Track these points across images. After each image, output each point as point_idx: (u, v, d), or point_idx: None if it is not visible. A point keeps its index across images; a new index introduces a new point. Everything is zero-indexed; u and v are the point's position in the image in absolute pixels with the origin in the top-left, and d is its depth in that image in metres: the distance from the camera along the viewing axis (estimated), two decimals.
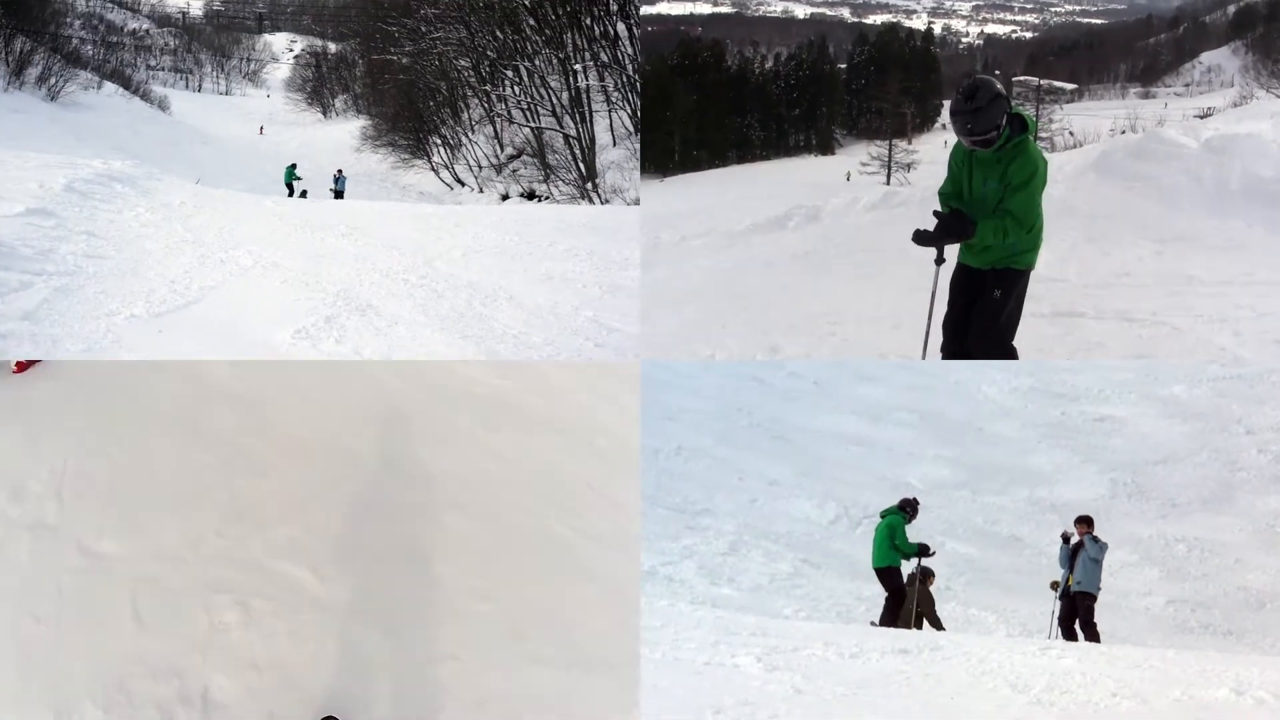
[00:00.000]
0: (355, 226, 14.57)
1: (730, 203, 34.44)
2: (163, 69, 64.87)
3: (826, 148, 75.00)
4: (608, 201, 27.73)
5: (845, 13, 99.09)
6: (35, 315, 8.53)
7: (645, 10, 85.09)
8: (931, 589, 8.62)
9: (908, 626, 8.30)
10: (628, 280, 11.60)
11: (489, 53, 34.97)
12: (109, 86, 44.03)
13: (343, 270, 11.37)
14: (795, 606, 9.40)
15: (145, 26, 68.57)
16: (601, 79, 31.13)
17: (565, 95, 31.30)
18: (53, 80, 38.15)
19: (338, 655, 4.93)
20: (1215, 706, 5.07)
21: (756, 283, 12.10)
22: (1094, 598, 8.34)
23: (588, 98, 30.83)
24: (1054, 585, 8.56)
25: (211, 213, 14.89)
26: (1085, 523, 8.45)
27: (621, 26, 31.41)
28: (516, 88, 34.39)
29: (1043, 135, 52.57)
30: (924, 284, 6.28)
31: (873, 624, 8.60)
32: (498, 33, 34.06)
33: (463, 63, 36.97)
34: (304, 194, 27.82)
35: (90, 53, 49.20)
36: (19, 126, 30.46)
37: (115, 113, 40.25)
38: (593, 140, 30.54)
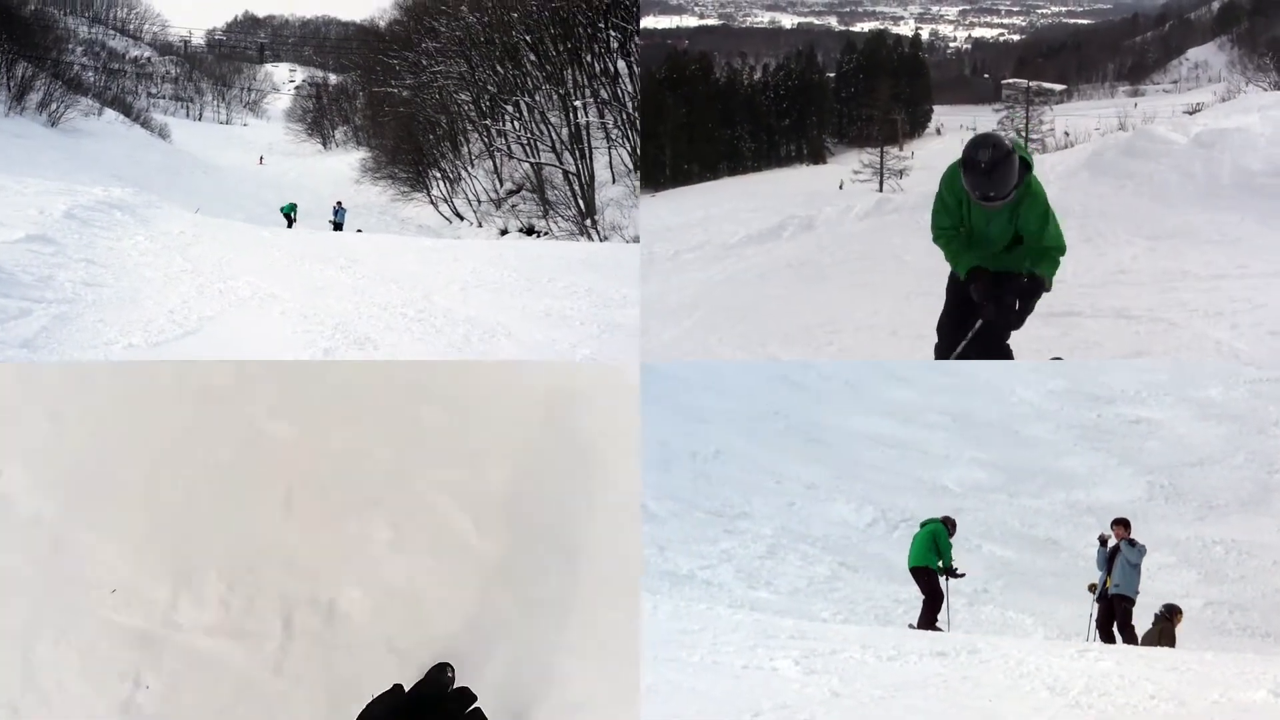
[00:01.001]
0: (354, 259, 14.58)
1: (723, 215, 34.43)
2: (164, 97, 64.87)
3: (818, 157, 74.72)
4: (607, 238, 27.76)
5: (832, 21, 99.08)
6: (34, 343, 8.53)
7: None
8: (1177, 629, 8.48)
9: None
10: (626, 319, 11.62)
11: (489, 87, 35.10)
12: (110, 113, 44.07)
13: (341, 303, 11.38)
14: (833, 609, 9.39)
15: (147, 54, 68.69)
16: (601, 116, 31.24)
17: (565, 131, 31.41)
18: (54, 106, 38.17)
19: (472, 608, 4.91)
20: (1254, 708, 5.07)
21: (752, 294, 12.16)
22: (1132, 601, 8.34)
23: (588, 134, 30.94)
24: (1092, 588, 8.55)
25: (210, 242, 14.92)
26: (1122, 525, 8.44)
27: (622, 64, 31.57)
28: (516, 123, 34.50)
29: (1034, 137, 52.74)
30: (919, 289, 6.38)
31: (911, 626, 8.59)
32: (498, 68, 34.21)
33: (463, 97, 37.09)
34: (290, 222, 27.93)
35: (92, 79, 49.23)
36: (19, 152, 30.50)
37: (116, 140, 40.30)
38: (592, 177, 30.62)
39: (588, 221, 29.41)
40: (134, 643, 4.72)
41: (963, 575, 8.83)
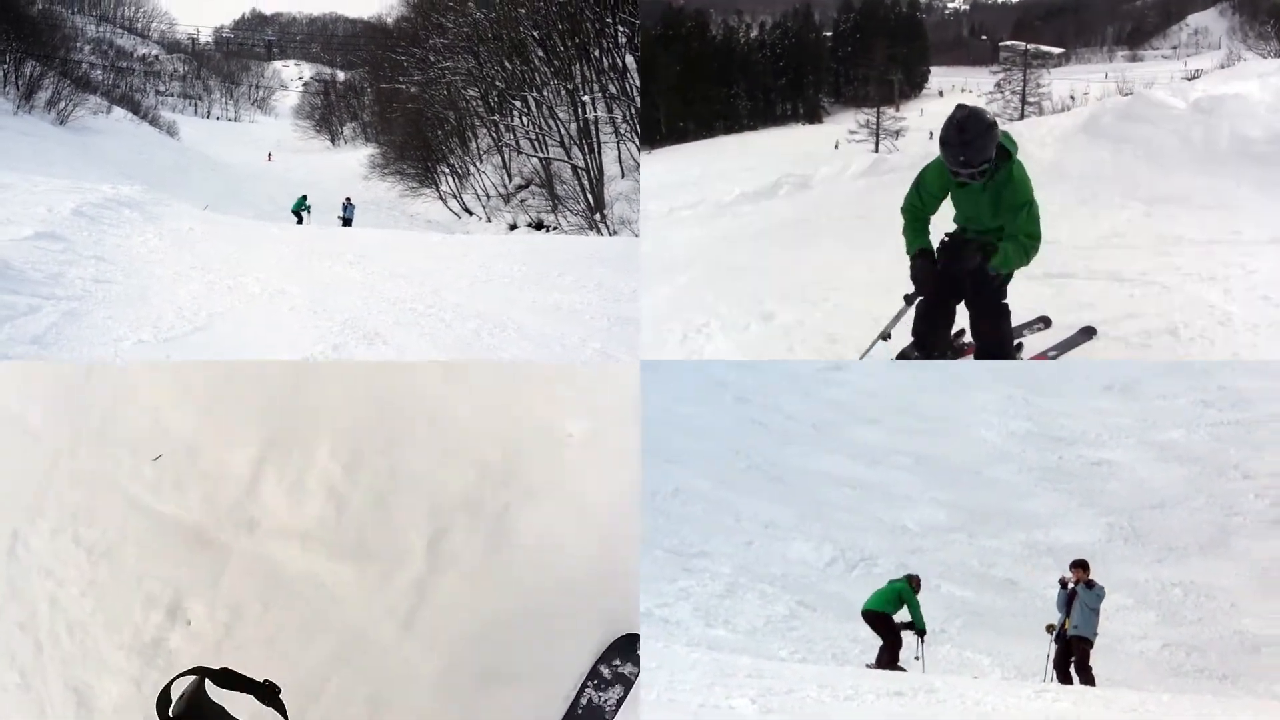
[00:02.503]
0: (363, 254, 14.58)
1: (718, 173, 34.30)
2: (172, 94, 64.99)
3: (814, 116, 74.16)
4: (616, 233, 27.73)
5: None
6: (43, 339, 8.54)
7: None
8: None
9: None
10: (636, 313, 11.60)
11: (497, 83, 35.09)
12: (118, 111, 44.13)
13: (350, 298, 11.37)
14: (791, 648, 9.37)
15: (155, 52, 68.78)
16: (610, 111, 31.21)
17: (573, 126, 31.37)
18: (62, 104, 38.21)
19: None
20: None
21: (748, 252, 12.15)
22: (1090, 643, 8.31)
23: (596, 129, 30.91)
24: (1050, 628, 8.54)
25: (219, 239, 14.93)
26: (1081, 567, 8.43)
27: (630, 59, 31.53)
28: (525, 118, 34.48)
29: (1030, 100, 52.41)
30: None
31: (869, 665, 8.59)
32: (506, 63, 34.19)
33: (471, 92, 37.08)
34: (300, 219, 27.96)
35: (100, 77, 49.28)
36: (28, 150, 30.55)
37: (124, 137, 40.34)
38: (601, 171, 30.59)
39: (596, 216, 29.40)
40: None
41: (919, 632, 8.85)
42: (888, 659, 8.57)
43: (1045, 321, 8.05)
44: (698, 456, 12.13)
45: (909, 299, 6.39)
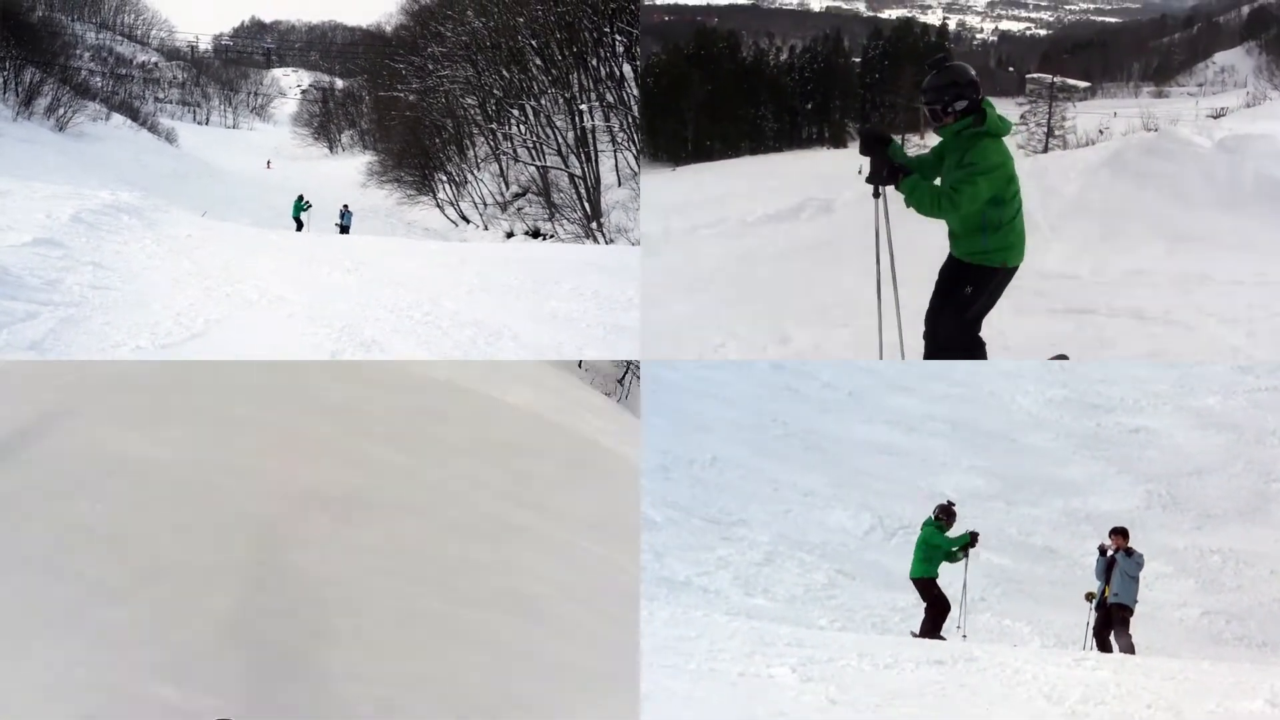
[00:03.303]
0: (361, 262, 14.60)
1: (742, 192, 34.11)
2: (171, 102, 65.21)
3: (839, 141, 74.39)
4: (612, 241, 27.79)
5: (860, 6, 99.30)
6: (41, 345, 8.55)
7: (662, 0, 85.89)
8: None
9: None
10: (632, 321, 11.64)
11: (495, 91, 35.19)
12: (117, 118, 44.26)
13: (348, 306, 11.39)
14: (830, 617, 9.29)
15: (154, 59, 68.98)
16: (607, 119, 31.29)
17: (571, 135, 31.45)
18: (61, 111, 38.32)
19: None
20: (1250, 718, 5.05)
21: (768, 272, 12.10)
22: (1130, 610, 8.26)
23: (593, 138, 30.98)
24: (1089, 596, 8.49)
25: (217, 245, 14.94)
26: (1120, 534, 8.39)
27: (627, 69, 31.63)
28: (522, 126, 34.57)
29: (1055, 133, 52.36)
30: (934, 277, 6.43)
31: (913, 634, 8.55)
32: (504, 72, 34.29)
33: (469, 100, 37.19)
34: (300, 224, 28.01)
35: (99, 84, 49.47)
36: (27, 156, 30.61)
37: (123, 144, 40.44)
38: (598, 180, 30.67)
39: (593, 224, 29.46)
40: None
41: (973, 543, 8.72)
42: (930, 627, 8.54)
43: (1063, 359, 8.10)
44: (733, 424, 12.09)
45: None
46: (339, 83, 68.44)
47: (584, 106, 31.19)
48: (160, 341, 9.15)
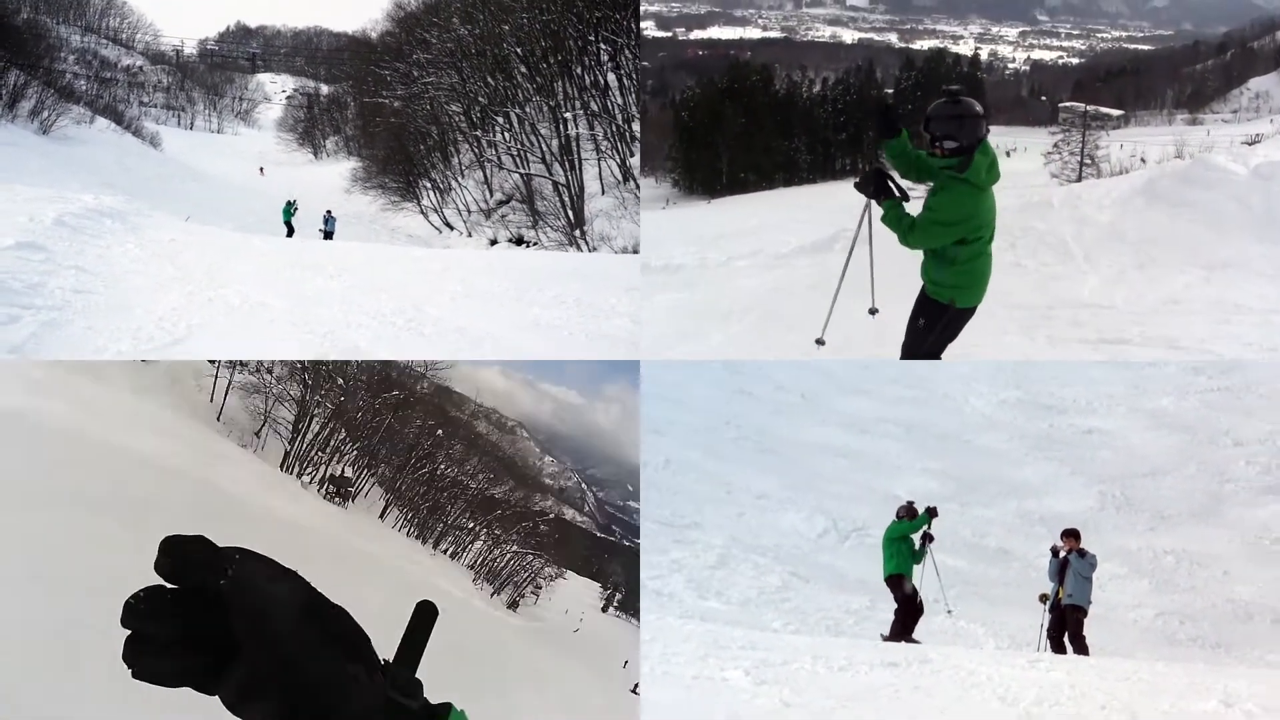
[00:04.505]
0: (344, 268, 14.61)
1: (777, 224, 34.27)
2: (155, 106, 65.01)
3: None
4: (596, 249, 27.84)
5: (893, 38, 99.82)
6: (23, 349, 8.55)
7: (697, 35, 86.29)
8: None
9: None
10: (614, 329, 11.68)
11: (480, 98, 35.21)
12: (101, 121, 44.05)
13: (331, 312, 11.40)
14: (784, 620, 9.41)
15: (139, 63, 68.76)
16: (591, 128, 31.36)
17: (555, 143, 31.51)
18: (45, 114, 38.13)
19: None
20: (1204, 719, 5.09)
21: (802, 303, 12.16)
22: (1084, 611, 8.36)
23: (577, 146, 31.04)
24: (1043, 598, 8.58)
25: (200, 250, 14.93)
26: (1072, 536, 8.48)
27: (612, 77, 31.70)
28: (507, 134, 34.59)
29: (1088, 162, 52.20)
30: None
31: (883, 636, 8.61)
32: (489, 79, 34.33)
33: (454, 108, 37.19)
34: (291, 230, 27.94)
35: (84, 88, 49.25)
36: (10, 159, 30.43)
37: (107, 148, 40.25)
38: (581, 188, 30.72)
39: (577, 232, 29.50)
40: None
41: (931, 538, 8.85)
42: (899, 629, 8.58)
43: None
44: (687, 427, 12.13)
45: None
46: (324, 88, 68.33)
47: (568, 114, 31.25)
48: (142, 346, 9.16)
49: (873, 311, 7.12)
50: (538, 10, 31.72)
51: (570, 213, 30.26)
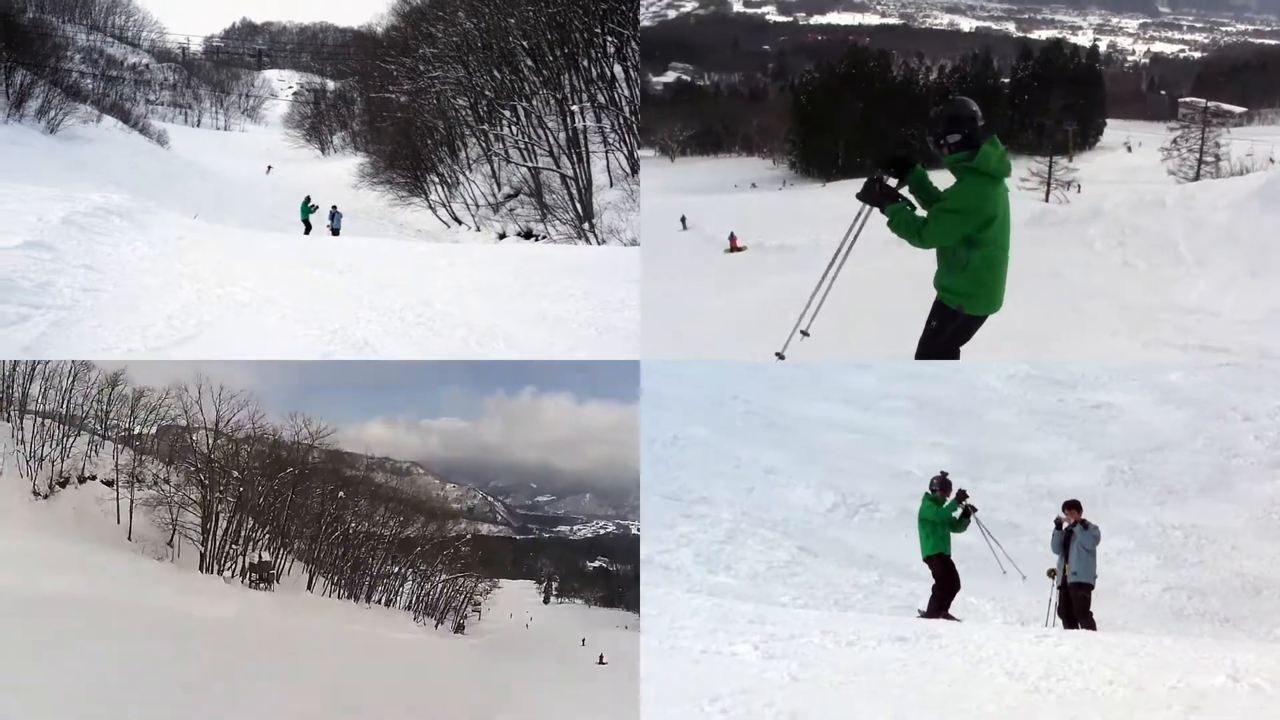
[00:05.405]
0: (352, 263, 14.60)
1: None
2: (162, 103, 65.12)
3: None
4: (604, 242, 27.81)
5: (1010, 27, 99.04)
6: (33, 348, 8.56)
7: (816, 20, 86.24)
8: None
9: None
10: (623, 322, 11.65)
11: (487, 92, 35.18)
12: (108, 120, 44.12)
13: (339, 308, 11.39)
14: (792, 594, 9.35)
15: (145, 61, 68.87)
16: (599, 120, 31.30)
17: (562, 136, 31.47)
18: (52, 113, 38.20)
19: None
20: (1211, 693, 5.06)
21: (906, 292, 12.10)
22: (1090, 588, 8.28)
23: (585, 139, 31.00)
24: (1051, 573, 8.52)
25: (208, 248, 14.95)
26: (1074, 508, 8.42)
27: (618, 69, 31.64)
28: (514, 127, 34.56)
29: (1207, 160, 51.59)
30: (1075, 305, 6.46)
31: (920, 613, 8.57)
32: (495, 73, 34.28)
33: (461, 102, 37.16)
34: (308, 227, 27.91)
35: (90, 86, 49.34)
36: (18, 159, 30.50)
37: (114, 146, 40.32)
38: (589, 181, 30.67)
39: (585, 225, 29.46)
40: None
41: (974, 509, 8.75)
42: (936, 606, 8.53)
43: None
44: (693, 404, 12.09)
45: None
46: (330, 84, 68.34)
47: (575, 107, 31.20)
48: (151, 344, 9.16)
49: (804, 334, 7.05)
50: (543, 3, 31.66)
51: (579, 206, 30.22)
